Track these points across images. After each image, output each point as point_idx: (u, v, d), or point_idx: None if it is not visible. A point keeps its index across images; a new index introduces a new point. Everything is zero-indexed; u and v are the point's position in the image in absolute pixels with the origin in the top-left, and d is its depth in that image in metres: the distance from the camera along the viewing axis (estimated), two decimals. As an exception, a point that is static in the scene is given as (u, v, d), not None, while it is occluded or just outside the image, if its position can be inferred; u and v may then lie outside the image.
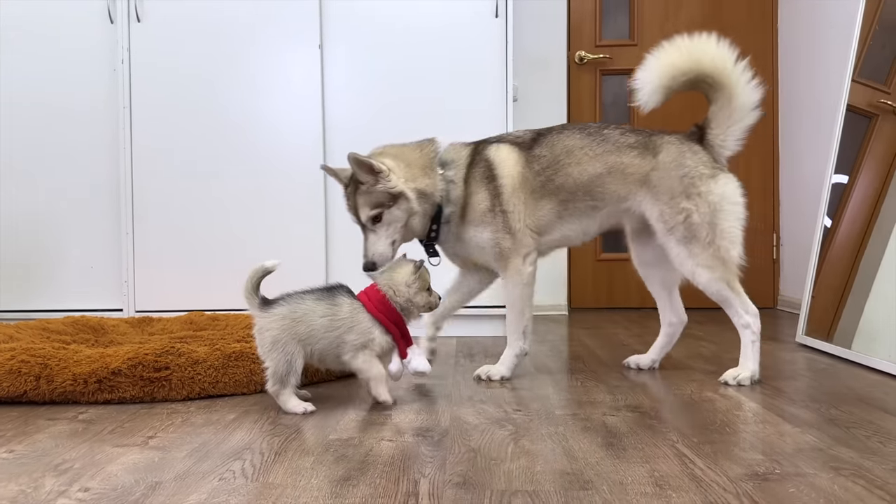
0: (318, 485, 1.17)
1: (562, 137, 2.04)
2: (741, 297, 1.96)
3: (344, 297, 1.68)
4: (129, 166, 2.83)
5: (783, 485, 1.16)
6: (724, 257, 1.94)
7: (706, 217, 1.92)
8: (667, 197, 1.94)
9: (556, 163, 2.01)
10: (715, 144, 2.00)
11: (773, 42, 3.73)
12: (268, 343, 1.60)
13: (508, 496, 1.12)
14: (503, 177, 1.99)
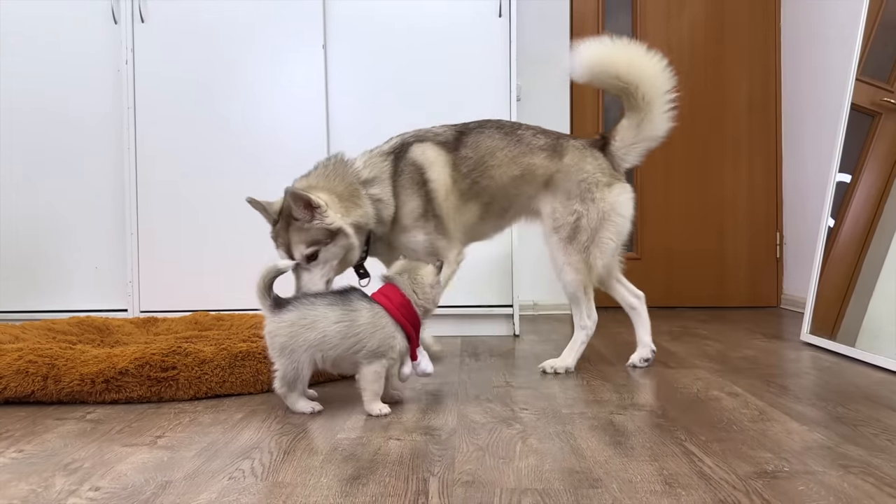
0: (327, 483, 1.18)
1: (483, 138, 2.06)
2: (590, 302, 2.09)
3: (361, 301, 1.61)
4: (133, 167, 2.84)
5: (793, 483, 1.16)
6: (591, 264, 2.04)
7: (592, 223, 2.03)
8: (563, 197, 2.03)
9: (481, 165, 2.04)
10: (617, 155, 2.10)
11: (775, 40, 3.73)
12: (277, 348, 1.58)
13: (518, 494, 1.12)
14: (434, 181, 1.97)
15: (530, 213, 2.13)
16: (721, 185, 3.76)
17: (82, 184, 2.91)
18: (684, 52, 3.74)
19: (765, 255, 3.74)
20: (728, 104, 3.74)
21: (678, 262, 3.76)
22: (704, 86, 3.74)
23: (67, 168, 2.91)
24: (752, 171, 3.75)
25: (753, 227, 3.75)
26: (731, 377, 1.98)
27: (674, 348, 2.48)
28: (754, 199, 3.75)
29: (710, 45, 3.74)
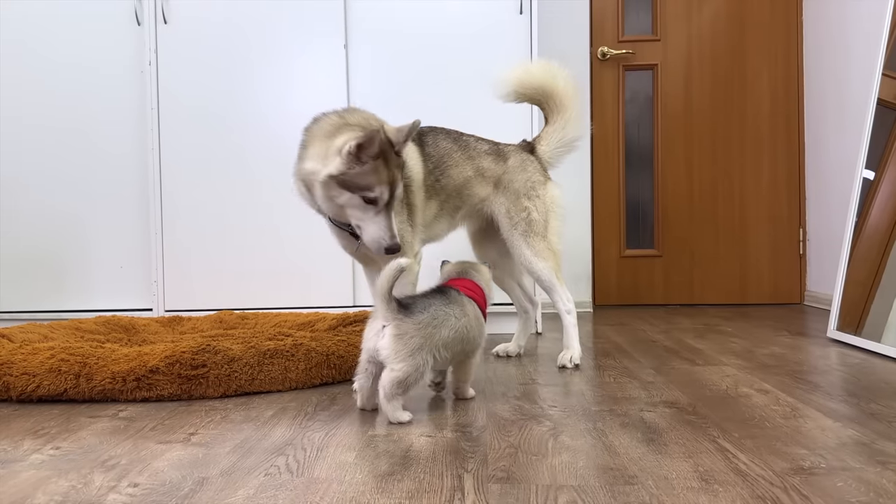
0: (362, 479, 1.18)
1: (439, 139, 2.10)
2: (564, 286, 2.20)
3: (464, 298, 1.64)
4: (157, 167, 2.86)
5: (830, 479, 1.15)
6: (554, 250, 2.19)
7: (542, 215, 2.19)
8: (514, 197, 2.17)
9: (441, 164, 2.07)
10: (543, 158, 2.27)
11: (797, 35, 3.69)
12: (408, 350, 1.50)
13: (554, 491, 1.12)
14: (412, 169, 1.97)
15: (477, 216, 2.22)
16: (743, 180, 3.73)
17: (107, 184, 2.93)
18: (705, 48, 3.72)
19: (787, 252, 3.71)
20: (750, 100, 3.71)
21: (700, 258, 3.74)
22: (726, 81, 3.72)
23: (92, 168, 2.94)
24: (774, 166, 3.72)
25: (776, 224, 3.72)
26: (760, 374, 1.97)
27: (699, 345, 2.47)
28: (777, 195, 3.72)
29: (731, 41, 3.71)
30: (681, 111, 3.74)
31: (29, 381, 1.78)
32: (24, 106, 2.95)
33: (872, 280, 2.43)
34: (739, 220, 3.73)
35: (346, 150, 1.63)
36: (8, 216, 2.97)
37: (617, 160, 3.75)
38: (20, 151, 2.96)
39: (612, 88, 3.74)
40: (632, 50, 3.72)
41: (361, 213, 1.67)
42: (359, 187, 1.65)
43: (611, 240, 3.76)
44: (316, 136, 1.74)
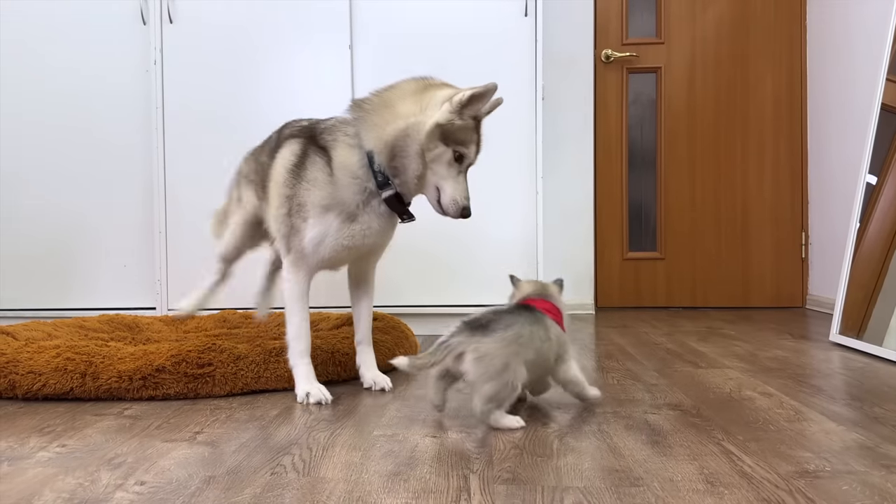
0: (368, 479, 1.19)
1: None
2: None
3: (549, 320, 1.61)
4: (161, 166, 2.87)
5: (836, 482, 1.16)
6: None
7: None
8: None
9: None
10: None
11: (801, 39, 3.70)
12: (497, 368, 1.46)
13: (560, 492, 1.12)
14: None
15: None
16: (746, 184, 3.73)
17: (111, 183, 2.94)
18: (709, 51, 3.73)
19: (790, 256, 3.72)
20: (753, 103, 3.72)
21: (702, 261, 3.74)
22: (729, 85, 3.72)
23: (96, 167, 2.94)
24: (777, 170, 3.73)
25: (778, 227, 3.73)
26: (763, 377, 1.97)
27: (702, 348, 2.47)
28: (779, 199, 3.73)
29: (734, 44, 3.72)
30: (684, 114, 3.75)
31: (35, 379, 1.78)
32: (29, 104, 2.96)
33: (874, 284, 2.44)
34: (742, 224, 3.74)
35: (457, 98, 1.63)
36: (11, 214, 2.97)
37: (620, 163, 3.76)
38: (24, 149, 2.96)
39: (615, 91, 3.75)
40: (635, 53, 3.73)
41: (446, 170, 1.66)
42: (456, 141, 1.64)
43: (613, 242, 3.77)
44: (402, 95, 1.72)
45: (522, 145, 2.81)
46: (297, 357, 1.80)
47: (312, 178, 1.72)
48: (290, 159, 1.78)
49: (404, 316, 2.62)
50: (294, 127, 1.89)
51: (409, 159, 1.67)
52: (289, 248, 1.78)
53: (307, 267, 1.78)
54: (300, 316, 1.80)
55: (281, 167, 1.79)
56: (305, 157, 1.75)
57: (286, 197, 1.76)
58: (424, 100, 1.69)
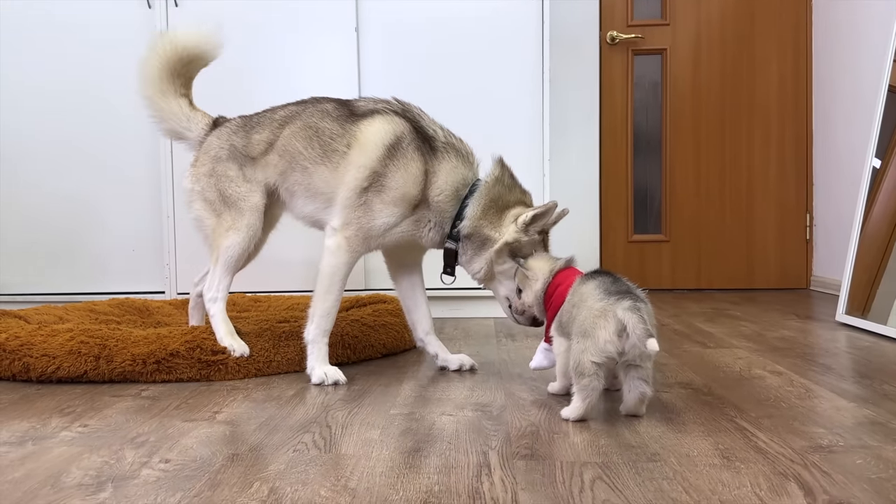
0: (389, 456, 1.20)
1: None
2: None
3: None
4: (168, 150, 2.87)
5: (850, 456, 1.17)
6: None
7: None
8: None
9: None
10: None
11: (807, 20, 3.68)
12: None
13: (579, 467, 1.14)
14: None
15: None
16: (751, 166, 3.74)
17: (118, 167, 2.94)
18: (714, 32, 3.71)
19: (794, 237, 3.73)
20: (758, 85, 3.71)
21: (707, 243, 3.75)
22: (734, 66, 3.71)
23: (103, 152, 2.94)
24: (782, 152, 3.73)
25: (783, 209, 3.73)
26: (772, 356, 1.99)
27: (710, 329, 2.49)
28: (784, 181, 3.73)
29: (739, 25, 3.71)
30: (689, 96, 3.74)
31: (49, 362, 1.80)
32: (33, 90, 2.95)
33: (879, 265, 2.45)
34: (747, 206, 3.74)
35: (521, 219, 1.69)
36: (20, 200, 2.98)
37: (625, 145, 3.76)
38: (31, 136, 2.96)
39: (620, 73, 3.74)
40: (641, 34, 3.72)
41: (513, 282, 1.69)
42: (523, 256, 1.71)
43: (618, 225, 3.78)
44: (498, 199, 1.74)
45: (529, 128, 2.81)
46: (319, 335, 1.76)
47: (409, 170, 1.72)
48: (388, 135, 1.75)
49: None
50: (375, 101, 1.86)
51: (479, 263, 1.74)
52: (349, 221, 1.74)
53: (366, 247, 1.76)
54: (337, 295, 1.77)
55: (376, 138, 1.75)
56: (406, 142, 1.74)
57: (373, 171, 1.73)
58: (505, 215, 1.73)
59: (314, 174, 1.83)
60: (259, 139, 1.92)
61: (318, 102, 1.92)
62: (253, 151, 1.93)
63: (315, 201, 1.85)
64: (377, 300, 2.43)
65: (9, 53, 2.96)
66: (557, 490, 1.05)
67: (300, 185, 1.86)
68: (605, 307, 1.37)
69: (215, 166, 1.94)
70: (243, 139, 1.94)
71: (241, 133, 1.96)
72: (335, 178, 1.79)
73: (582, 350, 1.37)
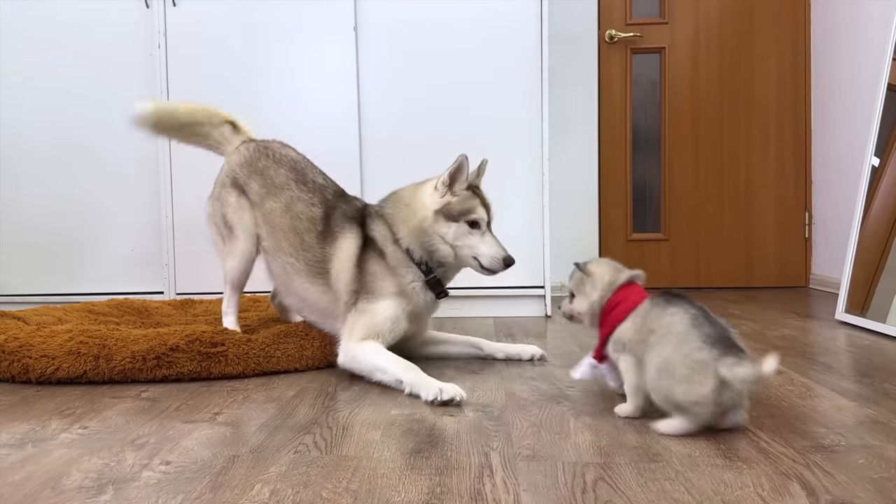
0: (391, 457, 1.20)
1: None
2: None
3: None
4: (167, 150, 2.86)
5: (852, 456, 1.17)
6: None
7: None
8: None
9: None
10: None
11: (805, 17, 3.68)
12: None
13: (581, 468, 1.14)
14: None
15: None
16: (749, 165, 3.74)
17: (117, 168, 2.93)
18: (712, 31, 3.71)
19: (793, 235, 3.73)
20: (757, 83, 3.71)
21: (706, 242, 3.75)
22: (733, 65, 3.71)
23: (102, 152, 2.94)
24: (780, 150, 3.73)
25: (782, 207, 3.73)
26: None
27: (709, 327, 2.48)
28: (783, 179, 3.73)
29: (738, 23, 3.70)
30: (688, 95, 3.74)
31: (48, 363, 1.79)
32: (31, 91, 2.95)
33: (877, 263, 2.45)
34: (745, 204, 3.74)
35: (439, 182, 1.81)
36: (19, 201, 2.97)
37: (624, 144, 3.75)
38: (30, 137, 2.95)
39: (619, 72, 3.74)
40: (639, 33, 3.71)
41: (470, 239, 1.80)
42: (461, 213, 1.80)
43: (618, 224, 3.77)
44: (413, 193, 1.87)
45: (528, 127, 2.81)
46: (417, 378, 1.63)
47: (374, 271, 1.83)
48: (353, 252, 1.87)
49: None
50: (349, 209, 1.96)
51: (440, 249, 1.82)
52: (354, 328, 1.79)
53: (381, 342, 1.79)
54: (392, 358, 1.71)
55: (346, 260, 1.87)
56: (365, 248, 1.86)
57: (353, 290, 1.84)
58: (419, 197, 1.85)
59: (300, 287, 1.97)
60: (255, 189, 2.06)
61: (311, 200, 1.99)
62: (249, 194, 2.07)
63: (302, 303, 2.01)
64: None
65: (7, 53, 2.95)
66: (560, 491, 1.05)
67: (286, 286, 2.02)
68: (706, 361, 1.23)
69: (221, 191, 2.12)
70: (245, 178, 2.08)
71: (246, 170, 2.09)
72: (324, 296, 1.92)
73: (670, 388, 1.27)
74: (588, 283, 1.52)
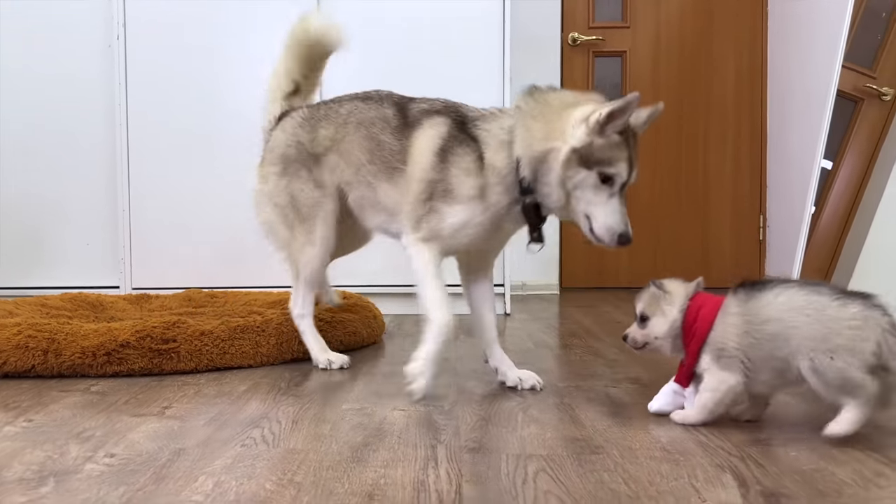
0: (338, 450, 1.21)
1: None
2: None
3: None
4: (125, 143, 2.82)
5: (786, 449, 1.22)
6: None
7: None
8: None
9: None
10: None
11: (762, 25, 3.77)
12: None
13: (524, 459, 1.16)
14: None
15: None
16: (707, 167, 3.82)
17: (73, 160, 2.89)
18: (673, 35, 3.78)
19: (748, 238, 3.82)
20: (715, 88, 3.79)
21: (664, 243, 3.82)
22: (692, 70, 3.79)
23: (58, 144, 2.89)
24: (737, 154, 3.82)
25: (737, 210, 3.82)
26: (720, 353, 2.04)
27: (662, 326, 2.54)
28: (739, 181, 3.82)
29: (698, 28, 3.78)
30: (648, 98, 3.74)
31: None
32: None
33: (829, 265, 2.54)
34: (702, 206, 3.82)
35: (594, 117, 1.45)
36: (-31, 191, 2.91)
37: (585, 145, 3.80)
38: (-18, 125, 2.89)
39: (581, 74, 3.79)
40: (602, 36, 3.76)
41: (593, 195, 1.48)
42: (597, 162, 1.47)
43: (578, 224, 3.82)
44: (561, 107, 1.54)
45: (489, 126, 2.83)
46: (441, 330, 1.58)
47: (465, 168, 1.58)
48: (436, 142, 1.63)
49: (373, 296, 2.63)
50: (429, 103, 1.74)
51: (551, 188, 1.51)
52: (419, 226, 1.62)
53: (440, 247, 1.63)
54: (436, 284, 1.61)
55: (426, 150, 1.64)
56: (455, 142, 1.61)
57: (430, 182, 1.61)
58: (564, 119, 1.50)
59: (379, 190, 1.74)
60: (324, 135, 1.83)
61: (380, 105, 1.80)
62: (318, 148, 1.84)
63: (383, 213, 1.77)
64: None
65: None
66: (501, 482, 1.07)
67: (367, 200, 1.79)
68: (864, 315, 1.20)
69: (286, 166, 1.86)
70: (309, 133, 1.85)
71: (308, 126, 1.86)
72: (399, 193, 1.70)
73: (844, 365, 1.20)
74: (664, 300, 1.38)
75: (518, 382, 1.67)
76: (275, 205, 1.87)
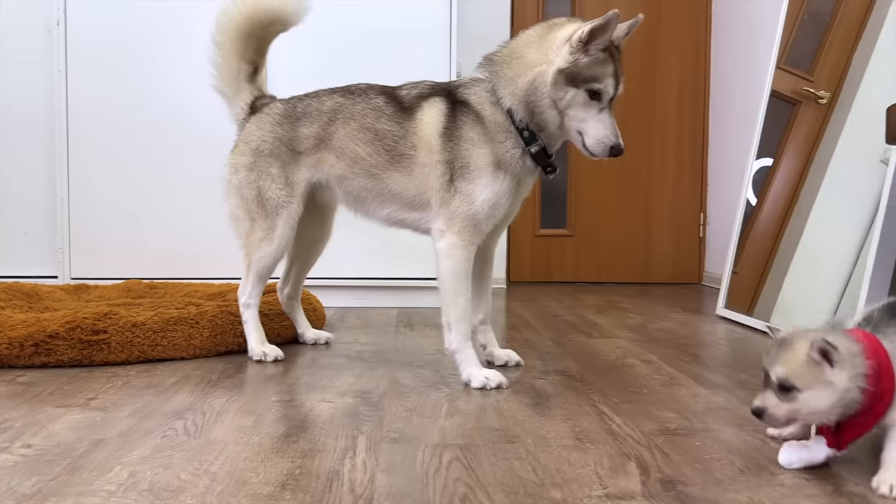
0: (259, 441, 1.23)
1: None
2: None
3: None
4: (64, 131, 2.77)
5: (690, 439, 1.27)
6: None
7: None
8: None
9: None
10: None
11: (706, 28, 3.87)
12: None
13: (441, 449, 1.20)
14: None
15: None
16: (650, 166, 3.90)
17: (11, 147, 2.82)
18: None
19: (689, 234, 3.92)
20: (660, 89, 3.88)
21: (608, 239, 3.90)
22: (638, 71, 3.86)
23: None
24: (680, 153, 3.91)
25: (679, 208, 3.92)
26: (648, 346, 2.11)
27: (598, 320, 2.60)
28: (681, 181, 3.92)
29: (644, 31, 3.86)
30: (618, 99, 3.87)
31: (-81, 347, 1.73)
32: (-81, 61, 2.80)
33: (766, 262, 2.62)
34: (645, 203, 3.91)
35: (576, 36, 1.52)
36: None
37: (533, 141, 3.86)
38: (-87, 109, 2.81)
39: (530, 71, 3.83)
40: (551, 34, 3.81)
41: (584, 111, 1.56)
42: (584, 79, 1.53)
43: (525, 219, 3.88)
44: (528, 42, 1.62)
45: (435, 121, 2.85)
46: (462, 342, 1.64)
47: (470, 137, 1.62)
48: (440, 121, 1.66)
49: (315, 288, 2.64)
50: (419, 86, 1.76)
51: (545, 113, 1.59)
52: (453, 219, 1.63)
53: (480, 234, 1.65)
54: (466, 295, 1.65)
55: (433, 132, 1.66)
56: (456, 118, 1.64)
57: (446, 162, 1.63)
58: (546, 44, 1.58)
59: (387, 180, 1.75)
60: (307, 133, 1.83)
61: (366, 96, 1.81)
62: (300, 146, 1.84)
63: (392, 204, 1.78)
64: (271, 289, 2.43)
65: None
66: (415, 471, 1.11)
67: (370, 191, 1.78)
68: None
69: (256, 160, 1.86)
70: (289, 131, 1.85)
71: (287, 124, 1.85)
72: (412, 181, 1.71)
73: None
74: (838, 360, 1.04)
75: (507, 361, 1.82)
76: (241, 196, 1.88)
